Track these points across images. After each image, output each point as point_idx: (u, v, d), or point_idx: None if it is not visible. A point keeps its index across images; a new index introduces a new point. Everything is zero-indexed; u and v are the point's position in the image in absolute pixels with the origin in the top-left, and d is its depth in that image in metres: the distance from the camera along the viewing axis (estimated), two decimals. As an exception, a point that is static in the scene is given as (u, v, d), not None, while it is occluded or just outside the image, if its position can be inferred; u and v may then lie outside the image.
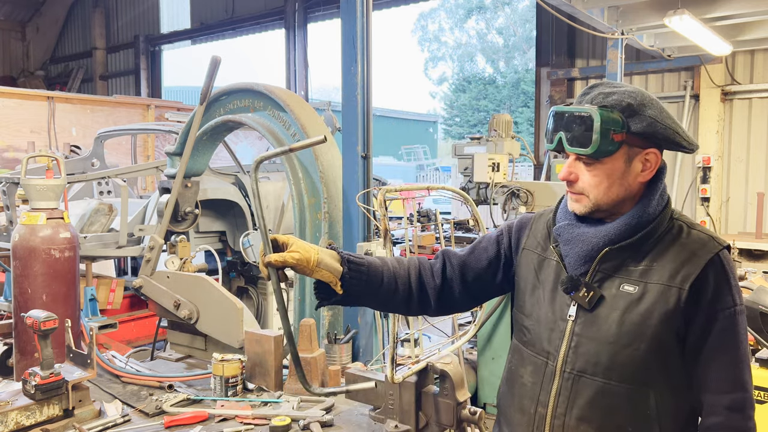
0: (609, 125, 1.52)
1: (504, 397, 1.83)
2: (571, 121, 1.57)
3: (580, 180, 1.61)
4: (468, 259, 1.89)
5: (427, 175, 25.36)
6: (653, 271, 1.57)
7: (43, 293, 3.18)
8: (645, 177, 1.60)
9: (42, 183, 3.22)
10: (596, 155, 1.55)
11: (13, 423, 2.24)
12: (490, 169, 6.24)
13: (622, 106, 1.55)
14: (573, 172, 1.62)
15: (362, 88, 3.57)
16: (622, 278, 1.59)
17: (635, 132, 1.54)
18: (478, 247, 1.91)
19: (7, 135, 9.00)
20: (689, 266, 1.54)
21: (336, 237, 3.57)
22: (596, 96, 1.59)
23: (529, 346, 1.73)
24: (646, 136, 1.55)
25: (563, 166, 1.64)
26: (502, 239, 1.87)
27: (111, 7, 16.25)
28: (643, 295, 1.56)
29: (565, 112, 1.59)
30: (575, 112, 1.57)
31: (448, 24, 37.83)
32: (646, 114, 1.54)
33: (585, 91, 1.63)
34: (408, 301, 1.84)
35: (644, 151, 1.58)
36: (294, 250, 1.68)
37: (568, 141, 1.58)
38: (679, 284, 1.54)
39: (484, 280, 1.87)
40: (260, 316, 5.21)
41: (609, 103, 1.55)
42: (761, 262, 7.26)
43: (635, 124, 1.54)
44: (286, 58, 12.93)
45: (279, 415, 2.35)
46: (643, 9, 7.26)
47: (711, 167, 8.64)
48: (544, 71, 10.30)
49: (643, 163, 1.59)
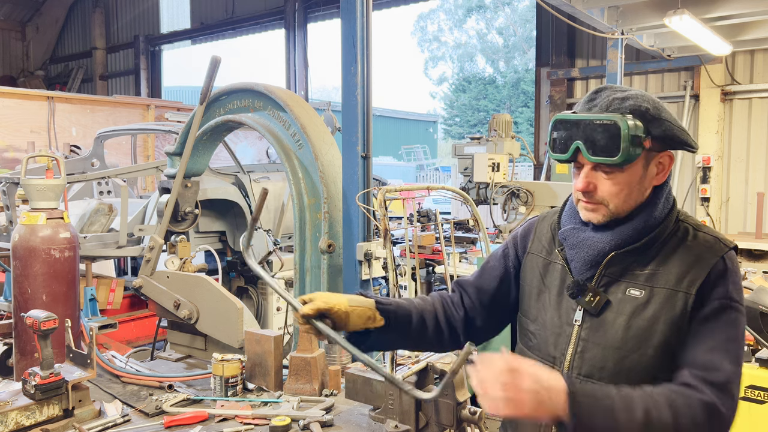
0: (636, 131, 1.50)
1: None
2: (593, 129, 1.52)
3: (599, 190, 1.57)
4: (479, 282, 1.88)
5: (427, 175, 25.35)
6: (659, 275, 1.55)
7: (43, 293, 3.18)
8: (659, 180, 1.58)
9: (42, 183, 3.22)
10: (624, 163, 1.51)
11: (13, 423, 2.24)
12: (490, 169, 6.24)
13: (641, 111, 1.51)
14: (591, 182, 1.57)
15: (362, 88, 3.57)
16: (628, 282, 1.58)
17: (655, 136, 1.52)
18: (487, 267, 1.89)
19: (7, 135, 9.01)
20: (696, 270, 1.53)
21: (336, 237, 3.57)
22: (611, 102, 1.54)
23: (535, 350, 1.72)
24: (663, 139, 1.53)
25: (580, 177, 1.57)
26: (509, 253, 1.85)
27: (111, 7, 16.25)
28: (649, 300, 1.54)
29: (582, 120, 1.54)
30: (596, 120, 1.52)
31: (448, 24, 37.86)
32: (663, 118, 1.53)
33: (591, 97, 1.58)
34: (440, 337, 1.83)
35: (659, 155, 1.56)
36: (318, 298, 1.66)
37: (589, 150, 1.52)
38: (686, 289, 1.52)
39: (500, 299, 1.84)
40: (260, 316, 5.21)
41: (627, 109, 1.52)
42: (761, 262, 7.26)
43: (655, 128, 1.52)
44: (286, 58, 12.93)
45: (279, 415, 2.35)
46: (643, 9, 7.26)
47: (711, 167, 8.65)
48: (544, 71, 10.30)
49: (657, 166, 1.57)
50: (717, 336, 1.50)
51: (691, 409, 1.43)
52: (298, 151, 3.62)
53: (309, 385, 2.66)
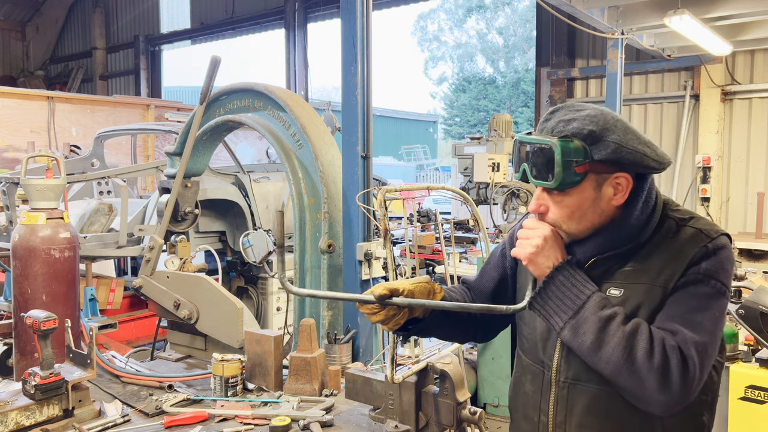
0: (570, 156, 1.47)
1: (512, 404, 1.85)
2: (532, 152, 1.52)
3: (550, 212, 1.57)
4: (479, 284, 1.90)
5: (427, 175, 25.34)
6: (639, 272, 1.54)
7: (43, 293, 3.18)
8: (618, 201, 1.54)
9: (42, 183, 3.22)
10: (560, 188, 1.50)
11: (13, 423, 2.24)
12: (490, 169, 6.24)
13: (583, 134, 1.48)
14: (542, 204, 1.58)
15: (362, 88, 3.57)
16: (609, 282, 1.57)
17: (600, 159, 1.48)
18: (486, 269, 1.91)
19: (7, 135, 9.01)
20: (674, 264, 1.51)
21: (336, 237, 3.57)
22: (557, 124, 1.52)
23: (528, 354, 1.74)
24: (612, 162, 1.49)
25: (532, 198, 1.61)
26: (507, 252, 1.85)
27: (111, 7, 16.24)
28: (628, 298, 1.54)
29: (527, 142, 1.54)
30: (536, 144, 1.51)
31: (448, 24, 37.87)
32: (609, 140, 1.48)
33: (546, 117, 1.56)
34: (467, 329, 1.87)
35: (613, 176, 1.52)
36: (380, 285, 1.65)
37: (531, 173, 1.53)
38: (663, 284, 1.51)
39: (499, 301, 1.84)
40: (260, 316, 5.21)
41: (570, 132, 1.49)
42: (761, 262, 7.26)
43: (599, 151, 1.48)
44: (286, 58, 12.93)
45: (279, 415, 2.35)
46: (643, 9, 7.25)
47: (711, 167, 8.64)
48: (544, 71, 10.30)
49: (614, 187, 1.53)
50: (678, 307, 1.48)
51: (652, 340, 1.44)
52: (298, 151, 3.62)
53: (309, 385, 2.66)
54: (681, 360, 1.42)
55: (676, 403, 1.43)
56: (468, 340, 2.02)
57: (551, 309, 1.54)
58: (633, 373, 1.43)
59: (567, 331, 1.51)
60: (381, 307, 1.61)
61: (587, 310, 1.49)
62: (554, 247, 1.55)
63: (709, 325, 1.47)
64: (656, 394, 1.42)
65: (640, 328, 1.46)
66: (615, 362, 1.44)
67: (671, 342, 1.43)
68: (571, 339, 1.51)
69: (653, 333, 1.46)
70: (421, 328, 1.76)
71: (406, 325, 1.70)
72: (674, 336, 1.45)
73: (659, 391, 1.42)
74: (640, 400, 1.47)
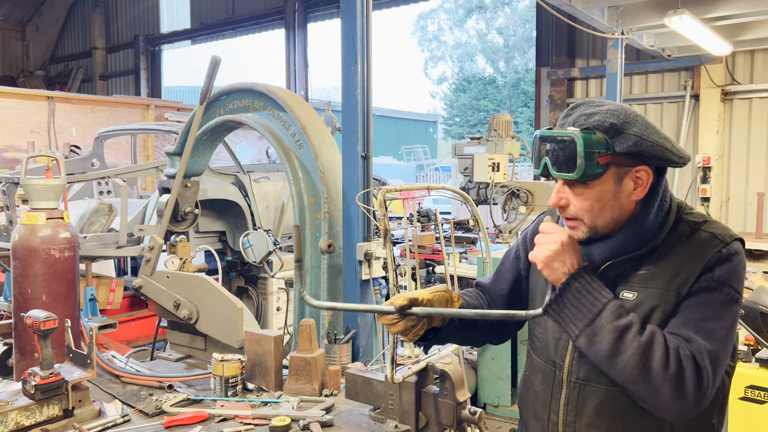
0: (593, 148, 1.49)
1: (521, 402, 1.87)
2: (555, 145, 1.54)
3: (570, 205, 1.58)
4: (494, 287, 1.91)
5: (427, 175, 25.33)
6: (653, 276, 1.55)
7: (43, 293, 3.18)
8: (638, 195, 1.56)
9: (42, 183, 3.22)
10: (583, 179, 1.52)
11: (12, 423, 2.24)
12: (490, 169, 6.24)
13: (605, 127, 1.51)
14: (563, 198, 1.59)
15: (362, 88, 3.57)
16: (623, 285, 1.58)
17: (621, 152, 1.50)
18: (501, 270, 1.92)
19: (7, 135, 9.01)
20: (688, 269, 1.52)
21: (336, 237, 3.57)
22: (578, 118, 1.54)
23: (539, 354, 1.75)
24: (634, 154, 1.51)
25: (552, 192, 1.61)
26: (520, 255, 1.86)
27: (111, 7, 16.25)
28: (642, 302, 1.55)
29: (548, 136, 1.56)
30: (557, 137, 1.53)
31: (448, 24, 37.87)
32: (630, 132, 1.50)
33: (567, 113, 1.59)
34: (484, 333, 1.88)
35: (634, 170, 1.54)
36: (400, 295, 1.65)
37: (553, 166, 1.55)
38: (677, 288, 1.52)
39: (514, 303, 1.86)
40: (260, 316, 5.21)
41: (591, 125, 1.51)
42: (761, 262, 7.26)
43: (620, 144, 1.50)
44: (286, 58, 12.93)
45: (279, 415, 2.35)
46: (643, 9, 7.26)
47: (711, 167, 8.65)
48: (544, 71, 10.30)
49: (634, 181, 1.55)
50: (692, 314, 1.50)
51: (668, 350, 1.45)
52: (298, 151, 3.62)
53: (309, 385, 2.66)
54: (695, 369, 1.44)
55: (690, 411, 1.46)
56: (484, 343, 2.02)
57: (567, 316, 1.55)
58: (648, 382, 1.45)
59: (583, 338, 1.52)
60: (400, 317, 1.62)
61: (603, 319, 1.50)
62: (570, 253, 1.56)
63: (721, 333, 1.49)
64: (670, 402, 1.45)
65: (656, 338, 1.47)
66: (630, 371, 1.46)
67: (686, 351, 1.45)
68: (586, 347, 1.53)
69: (668, 342, 1.47)
70: (441, 337, 1.77)
71: (426, 335, 1.70)
72: (688, 344, 1.46)
73: (674, 400, 1.44)
74: (654, 407, 1.49)
